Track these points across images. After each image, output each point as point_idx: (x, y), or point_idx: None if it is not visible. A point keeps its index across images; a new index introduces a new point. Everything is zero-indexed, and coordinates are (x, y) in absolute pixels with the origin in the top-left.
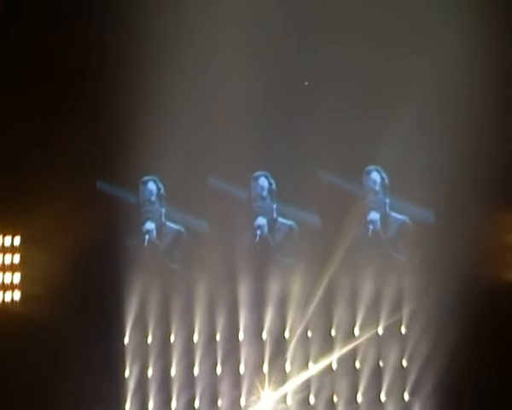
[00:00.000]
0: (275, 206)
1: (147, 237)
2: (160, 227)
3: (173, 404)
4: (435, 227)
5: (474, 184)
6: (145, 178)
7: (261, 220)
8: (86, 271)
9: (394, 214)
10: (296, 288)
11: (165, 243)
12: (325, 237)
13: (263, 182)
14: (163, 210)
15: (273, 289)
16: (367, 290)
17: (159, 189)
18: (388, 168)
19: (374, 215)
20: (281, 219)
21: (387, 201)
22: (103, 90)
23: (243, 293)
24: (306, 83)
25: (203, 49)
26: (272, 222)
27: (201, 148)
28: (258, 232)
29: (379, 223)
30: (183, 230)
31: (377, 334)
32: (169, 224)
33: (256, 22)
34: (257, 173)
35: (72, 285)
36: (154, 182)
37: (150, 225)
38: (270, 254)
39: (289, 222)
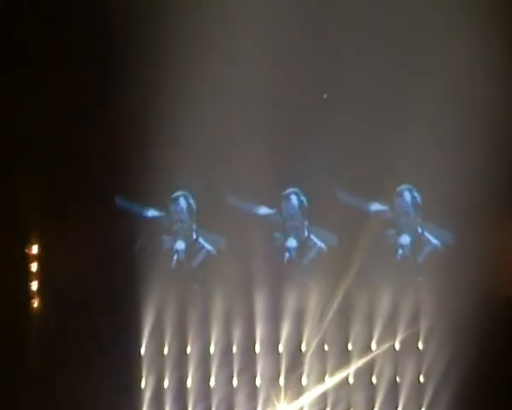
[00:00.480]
0: (306, 223)
1: (175, 256)
2: (190, 245)
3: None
4: (453, 245)
5: (492, 202)
6: (176, 194)
7: (292, 242)
8: (104, 283)
9: (428, 236)
10: (313, 301)
11: (195, 263)
12: (343, 254)
13: (294, 200)
14: (194, 226)
15: (290, 303)
16: (384, 305)
17: (189, 204)
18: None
19: (405, 239)
20: (313, 238)
21: (419, 221)
22: (122, 104)
23: (260, 306)
24: (325, 96)
25: (228, 66)
26: (303, 241)
27: (221, 165)
28: (287, 255)
29: (409, 247)
30: (213, 251)
31: (394, 349)
32: (201, 241)
33: (278, 36)
34: (288, 191)
35: (89, 297)
36: (185, 197)
37: (181, 245)
38: (295, 273)
39: (320, 243)
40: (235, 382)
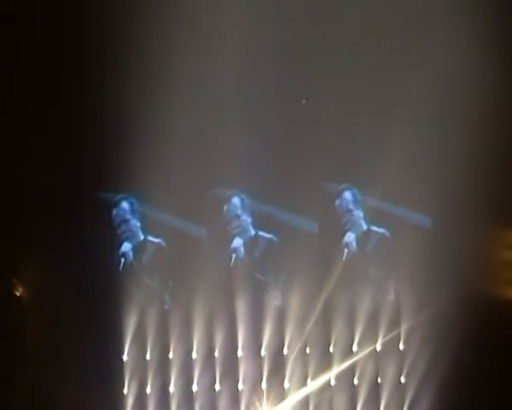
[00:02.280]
0: (250, 220)
1: (122, 260)
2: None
3: None
4: (433, 243)
5: (475, 198)
6: (117, 197)
7: (237, 242)
8: (83, 286)
9: (374, 228)
10: (294, 304)
11: (145, 259)
12: (323, 251)
13: (235, 201)
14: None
15: (271, 306)
16: (365, 307)
17: (131, 204)
18: (388, 177)
19: (348, 236)
20: (261, 233)
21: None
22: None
23: (242, 310)
24: (304, 101)
25: (201, 60)
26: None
27: (197, 161)
28: (233, 256)
29: (354, 244)
30: (163, 243)
31: (375, 350)
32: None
33: (257, 37)
34: (227, 194)
35: (69, 301)
36: (126, 199)
37: (126, 246)
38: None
39: (269, 235)
40: (217, 386)
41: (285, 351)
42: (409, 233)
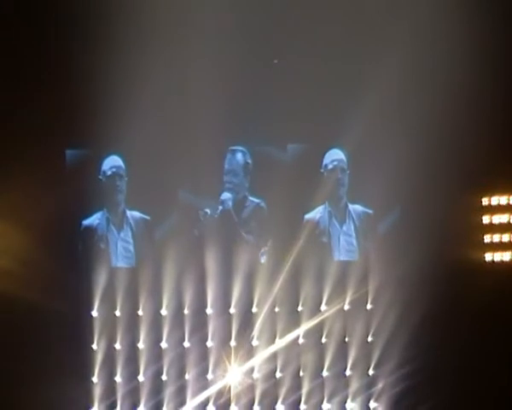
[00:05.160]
0: (247, 185)
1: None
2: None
3: (140, 377)
4: (400, 209)
5: (437, 167)
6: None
7: (225, 195)
8: (53, 245)
9: (251, 198)
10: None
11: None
12: (292, 216)
13: (239, 158)
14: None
15: (241, 265)
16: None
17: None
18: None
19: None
20: (250, 198)
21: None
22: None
23: (211, 267)
24: (276, 61)
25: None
26: (242, 199)
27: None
28: (220, 207)
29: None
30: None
31: (343, 310)
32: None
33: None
34: (234, 147)
35: (37, 260)
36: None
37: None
38: (235, 230)
39: (257, 200)
40: (186, 343)
41: (254, 309)
42: None
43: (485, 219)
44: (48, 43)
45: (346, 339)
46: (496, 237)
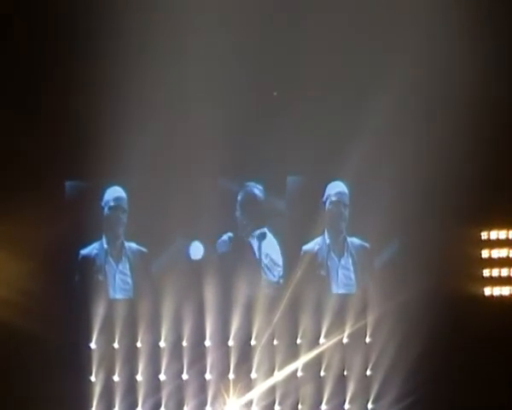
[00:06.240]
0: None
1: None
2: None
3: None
4: (398, 242)
5: (436, 200)
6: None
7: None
8: (51, 275)
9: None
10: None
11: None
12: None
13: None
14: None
15: (240, 297)
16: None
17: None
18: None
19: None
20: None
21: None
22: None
23: (210, 300)
24: (275, 93)
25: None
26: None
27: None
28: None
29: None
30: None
31: (342, 343)
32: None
33: (228, 32)
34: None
35: (37, 288)
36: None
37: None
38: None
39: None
40: (185, 376)
41: (252, 342)
42: None
43: (484, 254)
44: (48, 74)
45: (345, 372)
46: (495, 272)
